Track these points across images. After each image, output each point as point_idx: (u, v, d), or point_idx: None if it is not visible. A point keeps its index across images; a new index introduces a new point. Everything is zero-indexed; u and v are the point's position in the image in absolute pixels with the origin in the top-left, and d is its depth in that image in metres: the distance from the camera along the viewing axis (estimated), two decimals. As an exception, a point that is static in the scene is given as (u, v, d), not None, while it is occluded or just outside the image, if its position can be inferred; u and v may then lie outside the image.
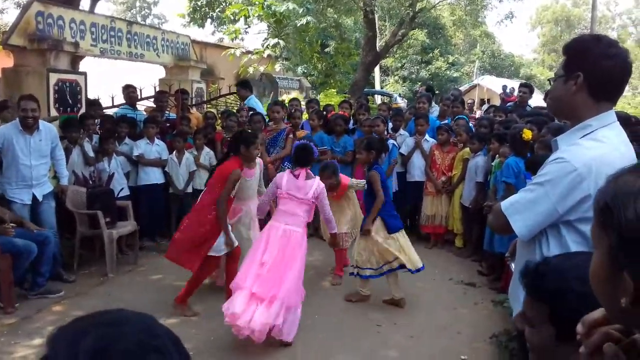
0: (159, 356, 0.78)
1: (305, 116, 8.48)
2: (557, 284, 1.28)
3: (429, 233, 7.16)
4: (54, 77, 6.33)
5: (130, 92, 7.74)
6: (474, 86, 24.98)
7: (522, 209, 1.95)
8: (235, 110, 8.14)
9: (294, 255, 4.26)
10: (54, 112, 6.31)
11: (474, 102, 16.80)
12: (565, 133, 2.02)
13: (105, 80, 10.26)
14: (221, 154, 7.38)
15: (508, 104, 11.09)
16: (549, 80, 2.29)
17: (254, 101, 8.41)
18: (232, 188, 4.61)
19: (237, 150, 4.72)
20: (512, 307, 2.23)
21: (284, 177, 4.51)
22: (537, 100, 13.19)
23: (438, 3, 19.12)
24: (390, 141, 6.91)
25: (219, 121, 8.00)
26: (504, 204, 2.01)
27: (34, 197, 5.35)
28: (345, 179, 5.67)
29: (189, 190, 7.11)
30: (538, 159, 3.98)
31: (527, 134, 4.99)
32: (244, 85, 8.62)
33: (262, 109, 8.33)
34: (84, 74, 6.94)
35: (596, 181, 1.80)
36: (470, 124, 7.45)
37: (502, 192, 5.23)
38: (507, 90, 16.48)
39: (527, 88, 8.41)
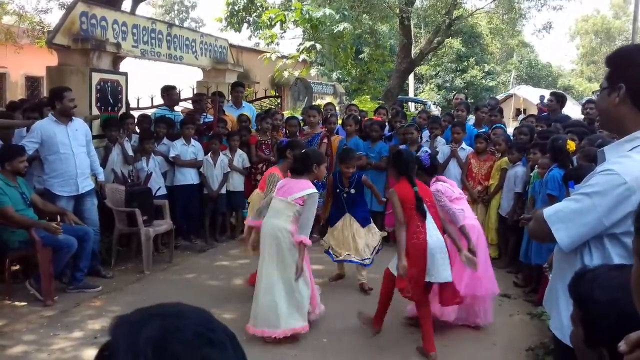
0: (215, 349, 0.80)
1: (339, 122, 8.48)
2: (585, 290, 1.37)
3: (463, 242, 7.06)
4: (96, 77, 6.46)
5: (169, 94, 7.87)
6: (510, 96, 24.63)
7: (565, 219, 1.90)
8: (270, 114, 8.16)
9: None
10: (95, 111, 6.45)
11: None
12: (612, 144, 1.97)
13: (144, 81, 10.45)
14: (256, 157, 7.46)
15: (542, 114, 10.89)
16: (593, 92, 2.26)
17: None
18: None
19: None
20: (550, 315, 2.19)
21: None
22: (576, 111, 12.94)
23: (475, 11, 18.93)
24: (424, 149, 6.86)
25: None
26: (547, 212, 1.96)
27: (77, 192, 5.49)
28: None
29: (223, 191, 7.19)
30: (580, 170, 3.89)
31: (571, 145, 4.89)
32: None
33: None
34: (125, 74, 7.08)
35: None
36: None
37: (541, 204, 5.12)
38: (545, 101, 16.18)
39: (555, 96, 8.29)
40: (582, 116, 7.72)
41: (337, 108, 9.90)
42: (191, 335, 0.79)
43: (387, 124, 8.05)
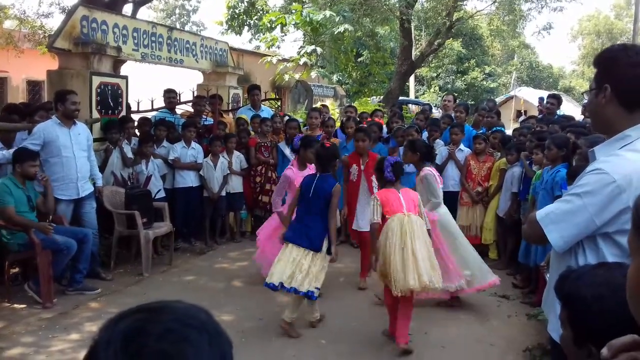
0: (183, 344, 0.79)
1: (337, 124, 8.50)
2: (570, 289, 1.36)
3: (462, 244, 7.06)
4: (96, 80, 6.49)
5: (170, 97, 7.90)
6: (511, 97, 24.59)
7: (558, 220, 1.90)
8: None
9: None
10: (95, 114, 6.47)
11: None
12: (602, 143, 1.96)
13: (145, 84, 10.47)
14: (255, 159, 7.47)
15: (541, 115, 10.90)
16: (582, 93, 2.27)
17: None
18: None
19: None
20: (547, 318, 2.19)
21: None
22: (576, 113, 12.93)
23: (475, 13, 18.95)
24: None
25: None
26: (539, 214, 1.97)
27: (78, 195, 5.52)
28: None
29: (223, 193, 7.20)
30: (578, 170, 3.89)
31: None
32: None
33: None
34: (125, 77, 7.11)
35: (636, 193, 1.75)
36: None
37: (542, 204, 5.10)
38: (544, 103, 16.16)
39: (556, 99, 8.29)
40: (582, 117, 7.73)
41: (336, 111, 9.93)
42: (161, 329, 0.79)
43: (385, 125, 8.07)
